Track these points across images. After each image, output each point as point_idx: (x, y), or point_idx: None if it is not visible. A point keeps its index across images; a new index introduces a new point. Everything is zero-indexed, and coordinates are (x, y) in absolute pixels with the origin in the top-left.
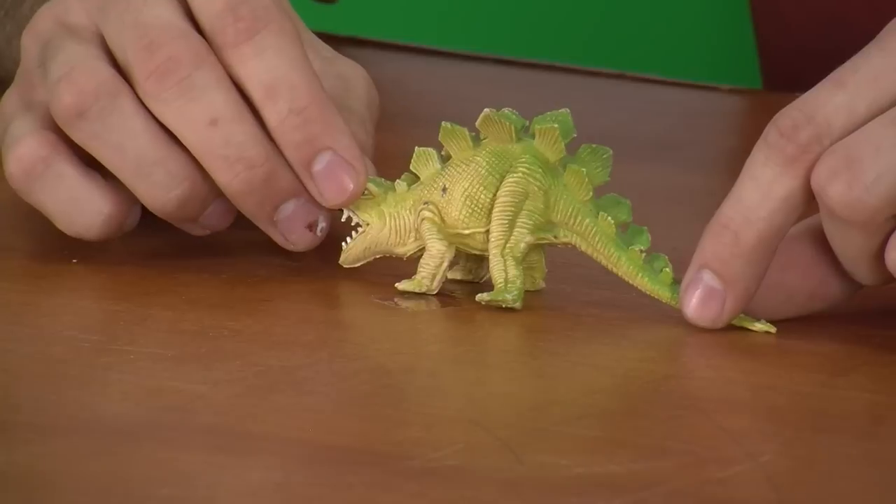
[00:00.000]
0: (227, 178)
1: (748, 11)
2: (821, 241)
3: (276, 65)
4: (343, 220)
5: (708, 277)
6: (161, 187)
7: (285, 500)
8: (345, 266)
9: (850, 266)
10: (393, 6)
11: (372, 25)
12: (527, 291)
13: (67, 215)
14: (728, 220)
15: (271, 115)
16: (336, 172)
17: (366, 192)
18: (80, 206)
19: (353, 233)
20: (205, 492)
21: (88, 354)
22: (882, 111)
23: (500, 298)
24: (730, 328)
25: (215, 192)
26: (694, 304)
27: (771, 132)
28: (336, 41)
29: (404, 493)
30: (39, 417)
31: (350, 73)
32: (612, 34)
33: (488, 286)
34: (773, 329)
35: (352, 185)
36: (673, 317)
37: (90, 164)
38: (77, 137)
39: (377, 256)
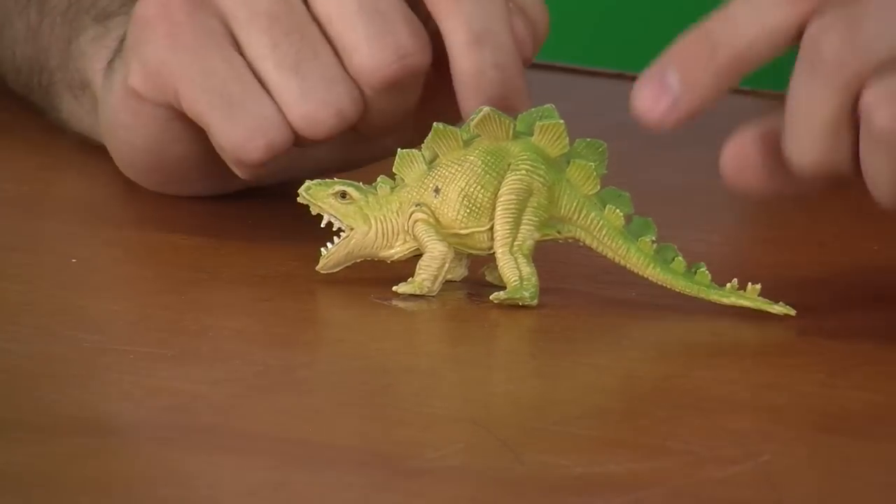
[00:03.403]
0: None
1: None
2: (773, 148)
3: (485, 15)
4: (323, 224)
5: (670, 75)
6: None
7: (285, 500)
8: (322, 272)
9: (879, 196)
10: None
11: None
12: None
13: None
14: (712, 31)
15: (470, 61)
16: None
17: (347, 197)
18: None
19: (335, 238)
20: (205, 492)
21: (88, 354)
22: None
23: (517, 297)
24: (732, 325)
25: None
26: (645, 96)
27: None
28: None
29: (404, 493)
30: (39, 417)
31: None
32: (612, 34)
33: (473, 285)
34: (792, 312)
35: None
36: (672, 317)
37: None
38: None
39: (357, 261)
